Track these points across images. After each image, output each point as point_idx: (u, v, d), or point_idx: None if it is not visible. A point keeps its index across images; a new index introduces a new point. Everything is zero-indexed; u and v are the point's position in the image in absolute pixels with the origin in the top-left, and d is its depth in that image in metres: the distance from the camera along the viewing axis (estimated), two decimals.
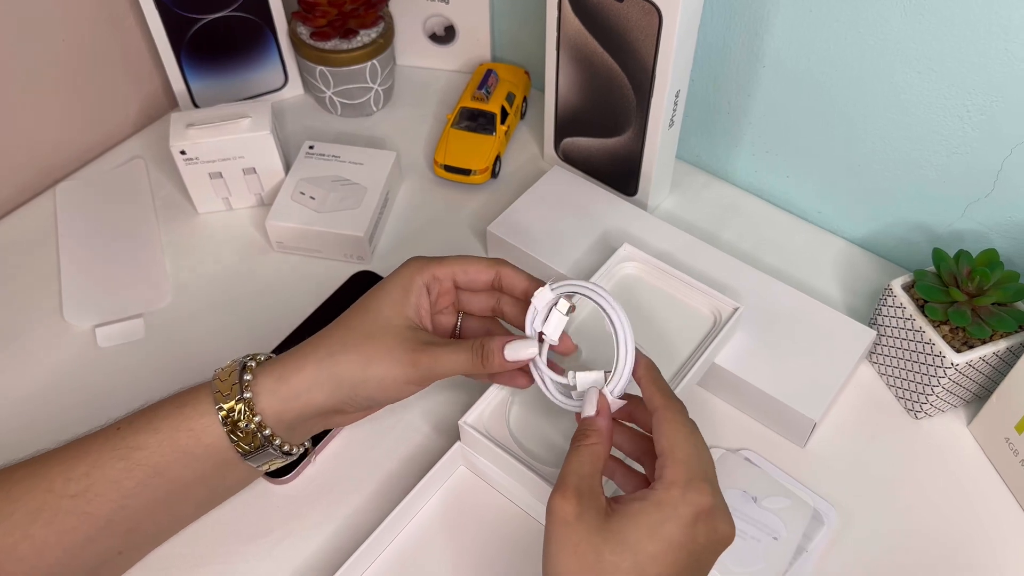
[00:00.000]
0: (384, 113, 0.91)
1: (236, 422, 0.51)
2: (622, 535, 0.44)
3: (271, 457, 0.54)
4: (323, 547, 0.60)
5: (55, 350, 0.71)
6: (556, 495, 0.46)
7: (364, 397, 0.53)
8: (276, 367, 0.53)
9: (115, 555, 0.53)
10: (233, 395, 0.52)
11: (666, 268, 0.67)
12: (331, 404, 0.53)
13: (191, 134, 0.75)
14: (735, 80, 0.76)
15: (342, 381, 0.52)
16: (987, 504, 0.62)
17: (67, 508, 0.49)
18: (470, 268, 0.57)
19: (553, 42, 0.73)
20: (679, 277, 0.66)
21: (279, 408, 0.52)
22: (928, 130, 0.67)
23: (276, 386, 0.52)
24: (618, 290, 0.68)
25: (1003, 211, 0.67)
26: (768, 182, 0.81)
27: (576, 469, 0.47)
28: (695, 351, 0.63)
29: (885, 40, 0.65)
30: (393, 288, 0.55)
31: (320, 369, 0.52)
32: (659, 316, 0.66)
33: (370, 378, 0.52)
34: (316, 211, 0.75)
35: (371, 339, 0.53)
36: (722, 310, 0.65)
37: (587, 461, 0.48)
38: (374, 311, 0.54)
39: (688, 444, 0.47)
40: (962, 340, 0.62)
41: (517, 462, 0.57)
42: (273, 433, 0.52)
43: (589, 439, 0.49)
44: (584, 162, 0.81)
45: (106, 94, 0.86)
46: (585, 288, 0.53)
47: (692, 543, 0.45)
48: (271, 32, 0.86)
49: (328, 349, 0.53)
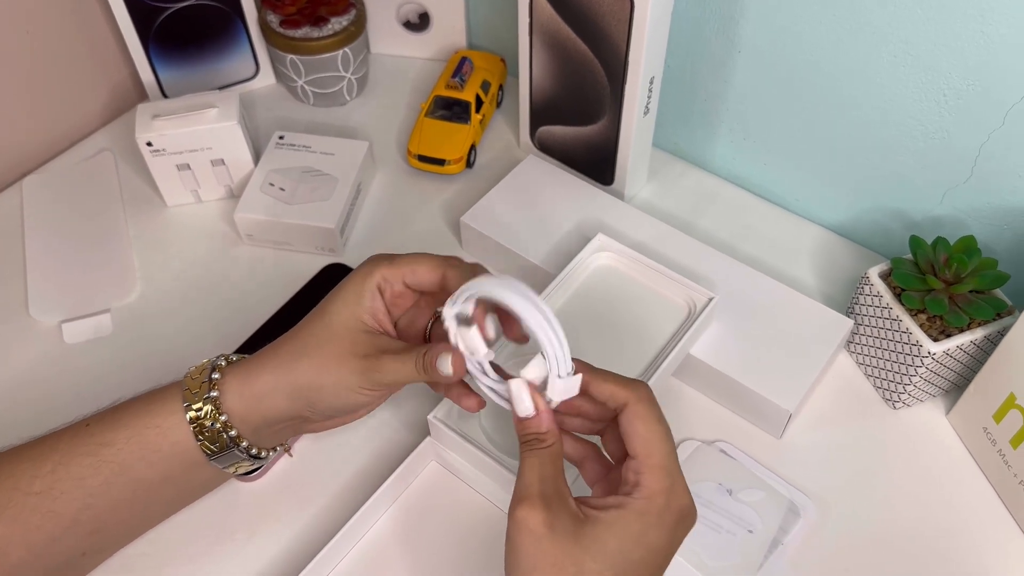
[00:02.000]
0: (357, 102, 0.89)
1: (202, 422, 0.50)
2: (603, 544, 0.42)
3: (237, 459, 0.52)
4: (291, 545, 0.59)
5: (20, 346, 0.70)
6: (522, 506, 0.42)
7: (324, 405, 0.52)
8: (242, 369, 0.52)
9: (79, 556, 0.52)
10: (201, 394, 0.51)
11: (640, 258, 0.66)
12: (293, 411, 0.52)
13: (157, 125, 0.73)
14: (711, 66, 0.75)
15: (299, 388, 0.51)
16: (965, 494, 0.61)
17: (32, 505, 0.49)
18: (419, 269, 0.53)
19: (526, 28, 0.72)
20: (653, 267, 0.65)
21: (243, 410, 0.51)
22: (905, 115, 0.66)
23: (241, 388, 0.51)
24: (592, 281, 0.67)
25: (981, 197, 0.66)
26: (745, 170, 0.80)
27: (537, 474, 0.44)
28: (669, 341, 0.62)
29: (861, 24, 0.63)
30: (347, 292, 0.53)
31: (278, 376, 0.51)
32: (633, 307, 0.65)
33: (325, 385, 0.51)
34: (286, 203, 0.74)
35: (326, 345, 0.51)
36: (697, 300, 0.64)
37: (546, 465, 0.44)
38: (329, 315, 0.52)
39: (665, 444, 0.45)
40: (939, 329, 0.61)
41: (487, 456, 0.56)
42: (239, 435, 0.51)
43: (543, 442, 0.45)
44: (560, 151, 0.80)
45: (73, 86, 0.85)
46: (474, 289, 0.46)
47: (675, 543, 0.44)
48: (240, 20, 0.84)
49: (288, 354, 0.52)
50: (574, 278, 0.66)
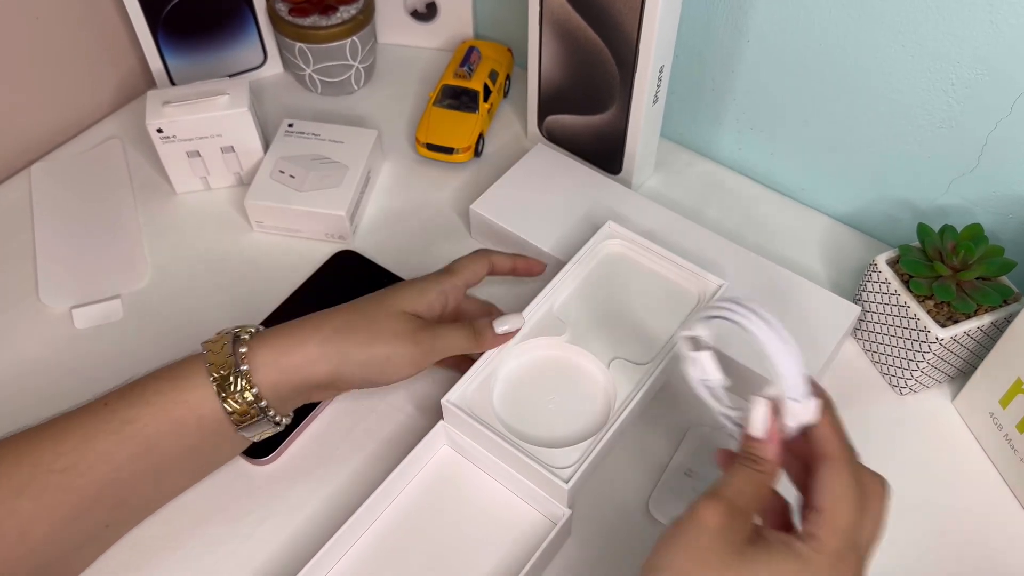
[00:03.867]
0: (365, 91, 0.90)
1: (232, 393, 0.52)
2: (755, 565, 0.41)
3: (264, 427, 0.54)
4: (304, 528, 0.59)
5: (31, 332, 0.70)
6: (708, 501, 0.42)
7: (364, 376, 0.55)
8: (274, 340, 0.54)
9: (102, 529, 0.53)
10: (228, 366, 0.52)
11: (650, 246, 0.66)
12: (329, 380, 0.54)
13: (168, 112, 0.73)
14: (719, 56, 0.75)
15: (345, 360, 0.54)
16: (971, 479, 0.62)
17: (55, 483, 0.49)
18: (476, 267, 0.62)
19: (536, 17, 0.72)
20: (663, 254, 0.66)
21: (276, 380, 0.53)
22: (913, 104, 0.66)
23: (276, 358, 0.53)
24: (602, 268, 0.67)
25: (988, 186, 0.67)
26: (752, 159, 0.80)
27: (738, 486, 0.44)
28: (679, 328, 0.62)
29: (870, 14, 0.64)
30: (409, 288, 0.58)
31: (324, 347, 0.53)
32: (643, 294, 0.65)
33: (374, 357, 0.54)
34: (296, 190, 0.74)
35: (376, 321, 0.55)
36: (706, 287, 0.65)
37: (751, 484, 0.44)
38: (384, 300, 0.57)
39: (852, 511, 0.43)
40: (947, 315, 0.62)
41: (501, 440, 0.56)
42: (268, 404, 0.53)
43: (759, 465, 0.45)
44: (568, 140, 0.80)
45: (82, 73, 0.85)
46: (713, 312, 0.46)
47: None
48: (249, 8, 0.85)
49: (333, 327, 0.54)
50: (584, 265, 0.66)
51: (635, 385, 0.59)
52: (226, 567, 0.58)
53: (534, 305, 0.63)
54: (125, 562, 0.57)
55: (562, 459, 0.56)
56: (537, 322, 0.63)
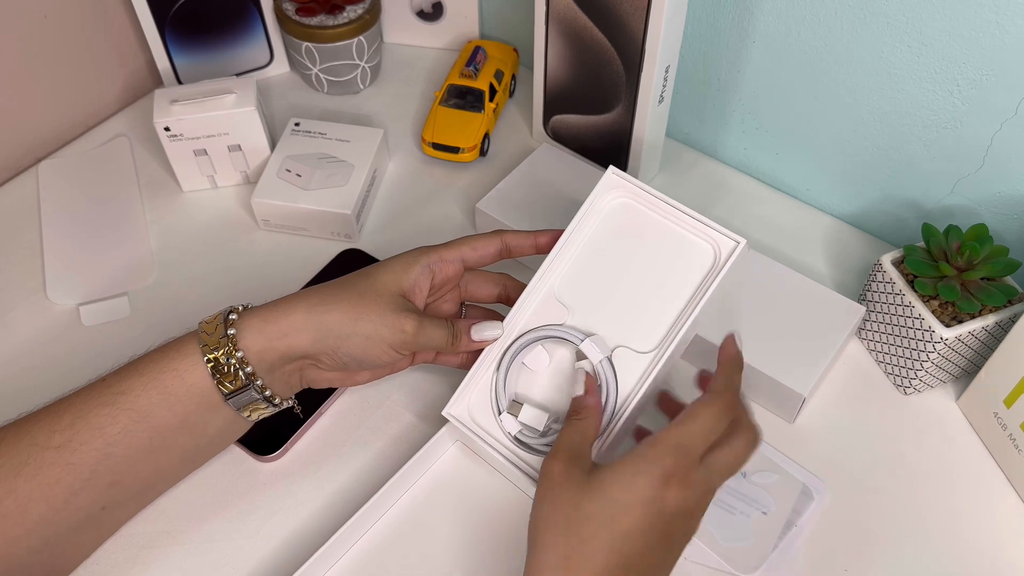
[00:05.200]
0: (371, 91, 0.90)
1: (218, 359, 0.52)
2: (601, 485, 0.47)
3: (254, 400, 0.54)
4: (309, 524, 0.59)
5: (39, 329, 0.70)
6: (548, 459, 0.50)
7: (345, 353, 0.54)
8: (262, 310, 0.54)
9: (99, 511, 0.53)
10: (217, 335, 0.52)
11: (656, 195, 0.59)
12: (313, 351, 0.54)
13: (175, 110, 0.74)
14: (725, 56, 0.75)
15: (329, 330, 0.54)
16: (975, 478, 0.62)
17: (51, 460, 0.50)
18: (477, 244, 0.59)
19: (542, 16, 0.73)
20: (672, 204, 0.59)
21: (262, 346, 0.53)
22: (918, 105, 0.66)
23: (262, 325, 0.53)
24: (605, 228, 0.60)
25: (992, 186, 0.67)
26: (757, 159, 0.80)
27: (567, 438, 0.51)
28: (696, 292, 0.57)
29: (876, 15, 0.64)
30: (396, 263, 0.57)
31: (309, 315, 0.54)
32: (654, 250, 0.59)
33: (356, 333, 0.54)
34: (302, 189, 0.74)
35: (363, 298, 0.55)
36: (722, 245, 0.58)
37: (577, 432, 0.51)
38: (372, 276, 0.56)
39: (697, 420, 0.48)
40: (951, 315, 0.62)
41: (500, 456, 0.57)
42: (255, 372, 0.53)
43: (579, 415, 0.53)
44: (573, 140, 0.80)
45: (90, 71, 0.85)
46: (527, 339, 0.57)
47: (661, 503, 0.46)
48: (256, 8, 0.85)
49: (320, 299, 0.55)
50: (586, 227, 0.60)
51: (639, 378, 0.56)
52: (231, 562, 0.58)
53: (535, 282, 0.59)
54: (132, 556, 0.58)
55: None
56: (536, 309, 0.59)
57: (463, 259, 0.59)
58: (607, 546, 0.45)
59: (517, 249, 0.60)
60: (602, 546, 0.45)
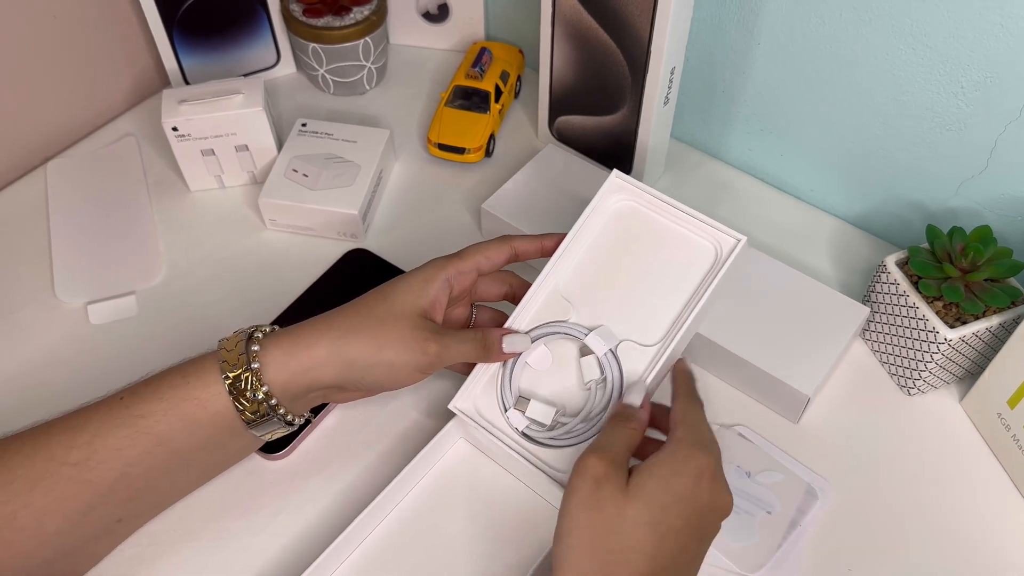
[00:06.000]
0: (377, 92, 0.90)
1: (243, 391, 0.52)
2: (643, 490, 0.47)
3: (275, 426, 0.54)
4: (317, 522, 0.60)
5: (47, 327, 0.71)
6: (593, 455, 0.48)
7: (371, 381, 0.55)
8: (285, 341, 0.54)
9: (114, 523, 0.53)
10: (240, 365, 0.52)
11: (660, 196, 0.61)
12: (338, 382, 0.54)
13: (183, 110, 0.74)
14: (730, 58, 0.76)
15: (353, 363, 0.53)
16: (979, 478, 0.63)
17: (68, 476, 0.50)
18: (490, 253, 0.59)
19: (548, 19, 0.73)
20: (675, 206, 0.61)
21: (286, 380, 0.53)
22: (922, 107, 0.67)
23: (286, 359, 0.53)
24: (608, 230, 0.62)
25: (996, 188, 0.67)
26: (761, 161, 0.81)
27: (615, 441, 0.51)
28: (698, 288, 0.59)
29: (880, 17, 0.64)
30: (414, 279, 0.57)
31: (332, 349, 0.53)
32: (657, 251, 0.61)
33: (380, 363, 0.54)
34: (309, 189, 0.75)
35: (384, 324, 0.54)
36: (723, 243, 0.60)
37: (625, 439, 0.51)
38: (391, 298, 0.56)
39: (696, 418, 0.52)
40: (955, 316, 0.62)
41: (509, 448, 0.57)
42: (279, 403, 0.53)
43: (631, 423, 0.52)
44: (578, 140, 0.81)
45: (98, 71, 0.86)
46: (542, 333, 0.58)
47: (696, 499, 0.47)
48: (263, 9, 0.85)
49: (342, 330, 0.54)
50: (590, 228, 0.62)
51: (643, 371, 0.57)
52: (240, 560, 0.58)
53: (539, 282, 0.60)
54: (140, 554, 0.58)
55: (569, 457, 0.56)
56: (541, 306, 0.60)
57: (478, 269, 0.59)
58: (650, 552, 0.45)
59: (524, 254, 0.61)
60: (646, 553, 0.45)
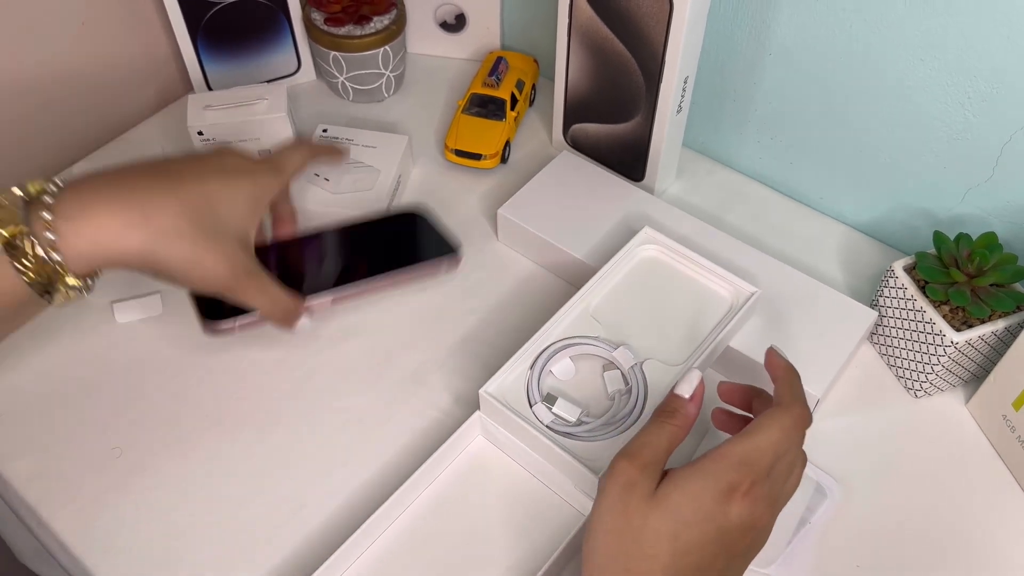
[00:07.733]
0: (395, 99, 0.92)
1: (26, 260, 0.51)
2: (668, 499, 0.45)
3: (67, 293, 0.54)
4: (337, 515, 0.61)
5: (73, 326, 0.72)
6: (625, 458, 0.46)
7: (167, 279, 0.55)
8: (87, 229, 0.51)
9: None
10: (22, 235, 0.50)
11: (686, 252, 0.68)
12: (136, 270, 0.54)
13: (209, 115, 0.76)
14: (741, 68, 0.77)
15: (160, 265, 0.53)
16: (984, 480, 0.64)
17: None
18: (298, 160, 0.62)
19: (565, 28, 0.75)
20: (698, 261, 0.67)
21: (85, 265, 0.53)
22: (930, 117, 0.69)
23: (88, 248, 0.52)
24: (636, 272, 0.68)
25: (1002, 196, 0.69)
26: (772, 168, 0.83)
27: (653, 442, 0.47)
28: (712, 331, 0.64)
29: (889, 28, 0.66)
30: (243, 197, 0.56)
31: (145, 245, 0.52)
32: (678, 298, 0.67)
33: (189, 275, 0.54)
34: (331, 193, 0.77)
35: (208, 239, 0.54)
36: (739, 293, 0.66)
37: (665, 439, 0.48)
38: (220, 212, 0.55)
39: (763, 433, 0.46)
40: (962, 320, 0.64)
41: (538, 433, 0.58)
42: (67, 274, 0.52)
43: (674, 419, 0.49)
44: (592, 148, 0.82)
45: (124, 77, 0.88)
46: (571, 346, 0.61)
47: (723, 518, 0.44)
48: (286, 17, 0.88)
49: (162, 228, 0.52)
50: (619, 268, 0.68)
51: (667, 386, 0.61)
52: (263, 554, 0.59)
53: (570, 305, 0.64)
54: (164, 546, 0.59)
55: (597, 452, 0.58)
56: (572, 321, 0.64)
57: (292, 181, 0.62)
58: (667, 563, 0.44)
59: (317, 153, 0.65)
60: (664, 564, 0.44)
